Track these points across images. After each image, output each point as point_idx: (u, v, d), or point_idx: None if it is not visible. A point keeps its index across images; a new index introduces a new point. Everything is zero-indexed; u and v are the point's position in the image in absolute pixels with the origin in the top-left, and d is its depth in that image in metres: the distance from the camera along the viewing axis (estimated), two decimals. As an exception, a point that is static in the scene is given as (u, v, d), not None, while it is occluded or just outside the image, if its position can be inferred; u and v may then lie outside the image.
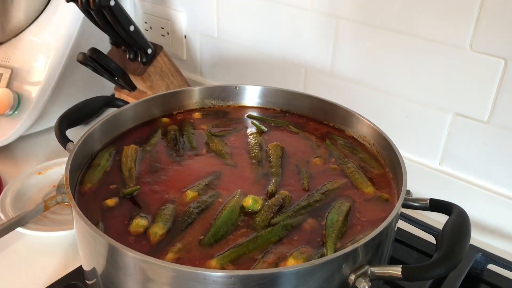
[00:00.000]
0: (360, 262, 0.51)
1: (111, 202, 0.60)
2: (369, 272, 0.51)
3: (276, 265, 0.51)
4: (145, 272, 0.49)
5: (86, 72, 1.03)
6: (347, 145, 0.73)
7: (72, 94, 1.10)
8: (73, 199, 0.55)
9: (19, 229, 0.79)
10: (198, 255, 0.53)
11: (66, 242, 0.81)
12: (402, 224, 0.82)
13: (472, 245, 0.78)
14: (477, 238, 0.85)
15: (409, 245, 0.81)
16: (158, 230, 0.55)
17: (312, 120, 0.79)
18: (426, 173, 0.90)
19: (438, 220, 0.84)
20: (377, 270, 0.51)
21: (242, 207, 0.59)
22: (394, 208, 0.55)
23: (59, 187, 0.89)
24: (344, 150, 0.72)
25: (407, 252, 0.81)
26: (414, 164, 0.90)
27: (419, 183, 0.85)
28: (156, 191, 0.62)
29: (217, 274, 0.46)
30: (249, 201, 0.59)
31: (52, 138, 0.77)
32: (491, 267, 0.77)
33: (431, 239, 0.80)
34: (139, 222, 0.56)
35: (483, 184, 0.85)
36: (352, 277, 0.50)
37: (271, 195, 0.62)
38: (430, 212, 0.62)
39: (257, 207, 0.59)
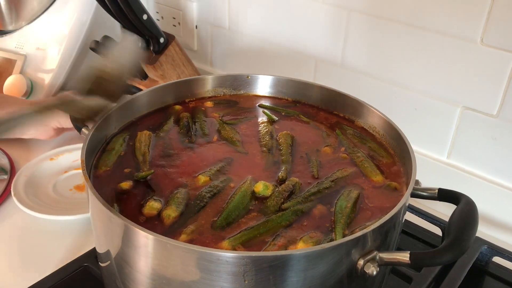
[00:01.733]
0: (369, 247, 0.52)
1: (125, 185, 0.61)
2: (377, 257, 0.52)
3: (286, 248, 0.52)
4: (160, 252, 0.50)
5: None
6: (356, 135, 0.73)
7: (84, 81, 1.12)
8: (89, 181, 0.56)
9: (32, 213, 0.81)
10: (210, 237, 0.54)
11: (78, 226, 0.83)
12: (408, 216, 0.83)
13: (477, 237, 0.79)
14: (483, 231, 0.86)
15: (416, 237, 0.82)
16: (171, 212, 0.56)
17: (322, 110, 0.80)
18: (434, 166, 0.90)
19: (445, 212, 0.85)
20: (386, 255, 0.52)
21: (253, 192, 0.60)
22: (403, 196, 0.56)
23: None
24: (354, 140, 0.72)
25: (413, 243, 0.82)
26: (422, 156, 0.91)
27: (426, 176, 0.84)
28: (169, 176, 0.63)
29: (231, 255, 0.47)
30: (260, 187, 0.60)
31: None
32: (496, 259, 0.78)
33: (438, 231, 0.81)
34: (153, 205, 0.57)
35: (491, 178, 0.86)
36: (361, 261, 0.51)
37: (281, 181, 0.63)
38: (437, 204, 0.63)
39: (268, 192, 0.60)
